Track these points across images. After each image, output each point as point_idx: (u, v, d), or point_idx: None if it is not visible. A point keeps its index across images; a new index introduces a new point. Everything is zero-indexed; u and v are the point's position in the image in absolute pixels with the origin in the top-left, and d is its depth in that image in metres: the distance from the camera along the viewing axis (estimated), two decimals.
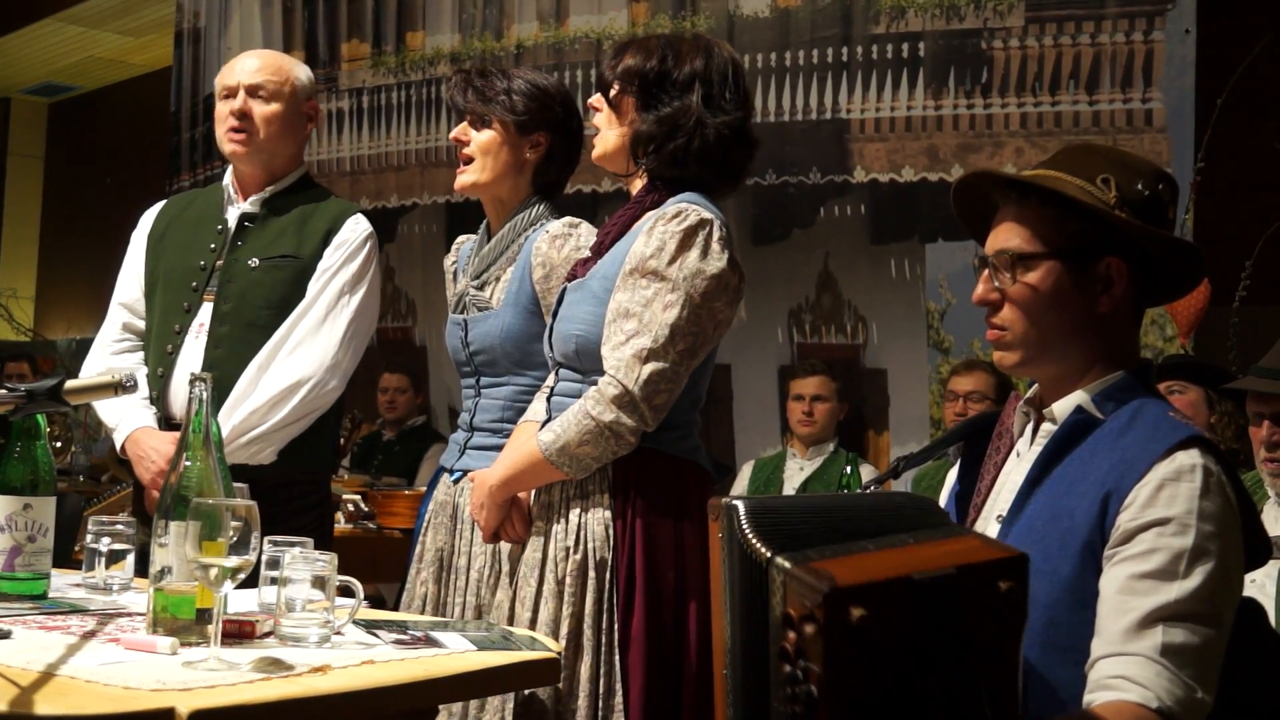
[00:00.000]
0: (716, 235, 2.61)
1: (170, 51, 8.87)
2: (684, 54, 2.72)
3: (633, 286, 2.60)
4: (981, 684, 1.68)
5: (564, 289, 2.80)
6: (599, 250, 2.76)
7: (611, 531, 2.62)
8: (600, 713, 2.57)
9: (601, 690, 2.57)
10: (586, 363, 2.67)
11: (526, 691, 2.60)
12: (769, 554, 1.68)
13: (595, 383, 2.61)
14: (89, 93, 11.33)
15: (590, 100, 2.82)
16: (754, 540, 1.72)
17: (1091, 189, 1.98)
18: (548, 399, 2.78)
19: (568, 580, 2.62)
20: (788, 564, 1.65)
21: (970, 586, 1.67)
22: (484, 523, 2.77)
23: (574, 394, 2.69)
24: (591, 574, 2.61)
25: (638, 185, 2.77)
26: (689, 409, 2.72)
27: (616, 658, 2.58)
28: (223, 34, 8.25)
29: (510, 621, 2.69)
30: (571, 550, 2.63)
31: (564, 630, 2.59)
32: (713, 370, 2.79)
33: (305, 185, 3.40)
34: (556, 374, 2.78)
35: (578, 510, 2.65)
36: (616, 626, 2.60)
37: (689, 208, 2.62)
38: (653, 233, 2.61)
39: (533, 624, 2.63)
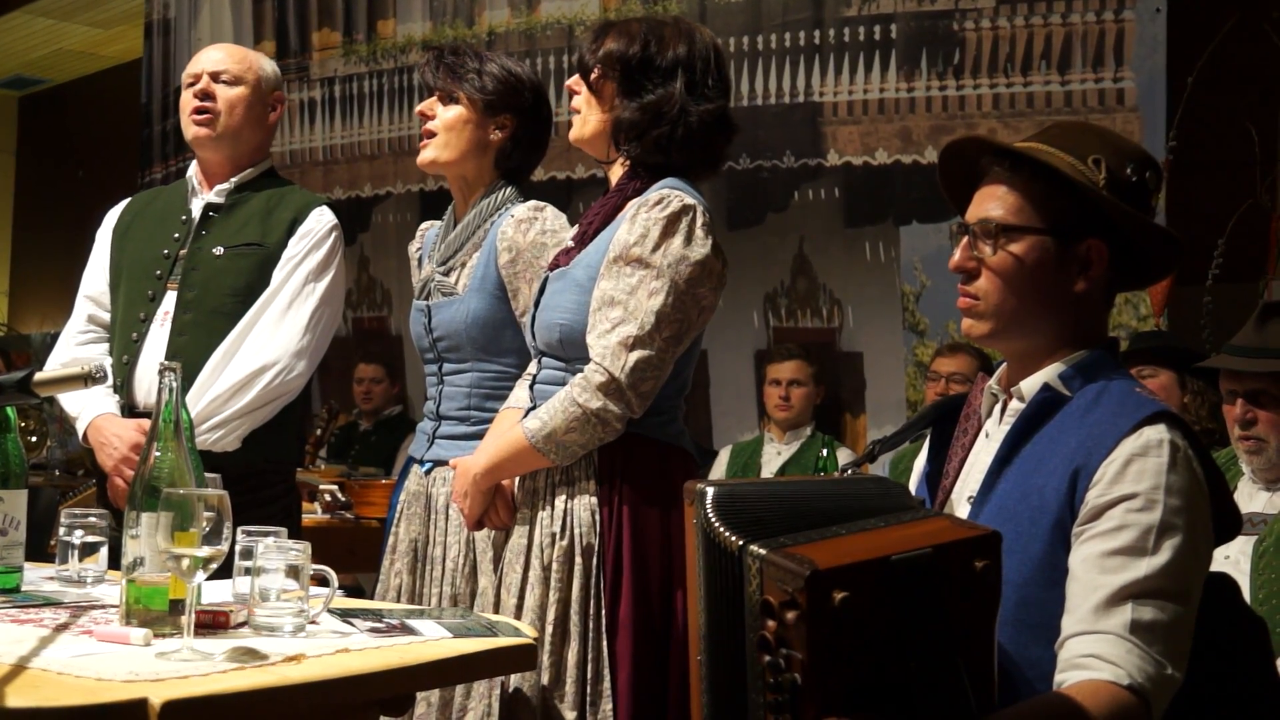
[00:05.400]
0: (700, 221, 2.61)
1: (140, 43, 8.81)
2: (667, 40, 2.71)
3: (617, 274, 2.60)
4: (961, 663, 1.68)
5: (546, 278, 2.79)
6: (582, 240, 2.76)
7: (598, 517, 2.62)
8: (588, 698, 2.57)
9: (589, 676, 2.58)
10: (570, 351, 2.67)
11: (513, 679, 2.60)
12: (740, 541, 1.67)
13: (580, 370, 2.61)
14: (59, 85, 11.25)
15: (568, 82, 2.81)
16: (721, 528, 1.71)
17: (1083, 168, 1.97)
18: (530, 387, 2.78)
19: (554, 567, 2.62)
20: (763, 550, 1.64)
21: (946, 566, 1.67)
22: (468, 511, 2.76)
23: (558, 382, 2.68)
24: (578, 560, 2.61)
25: (617, 171, 2.76)
26: (674, 395, 2.72)
27: (604, 644, 2.59)
28: (193, 25, 8.19)
29: (495, 608, 2.69)
30: (558, 536, 2.63)
31: (551, 616, 2.59)
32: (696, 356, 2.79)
33: (270, 177, 3.40)
34: (539, 362, 2.78)
35: (564, 496, 2.65)
36: (604, 612, 2.60)
37: (671, 194, 2.61)
38: (636, 220, 2.60)
39: (518, 610, 2.63)
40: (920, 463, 2.23)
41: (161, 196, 3.49)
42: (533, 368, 2.82)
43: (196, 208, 3.32)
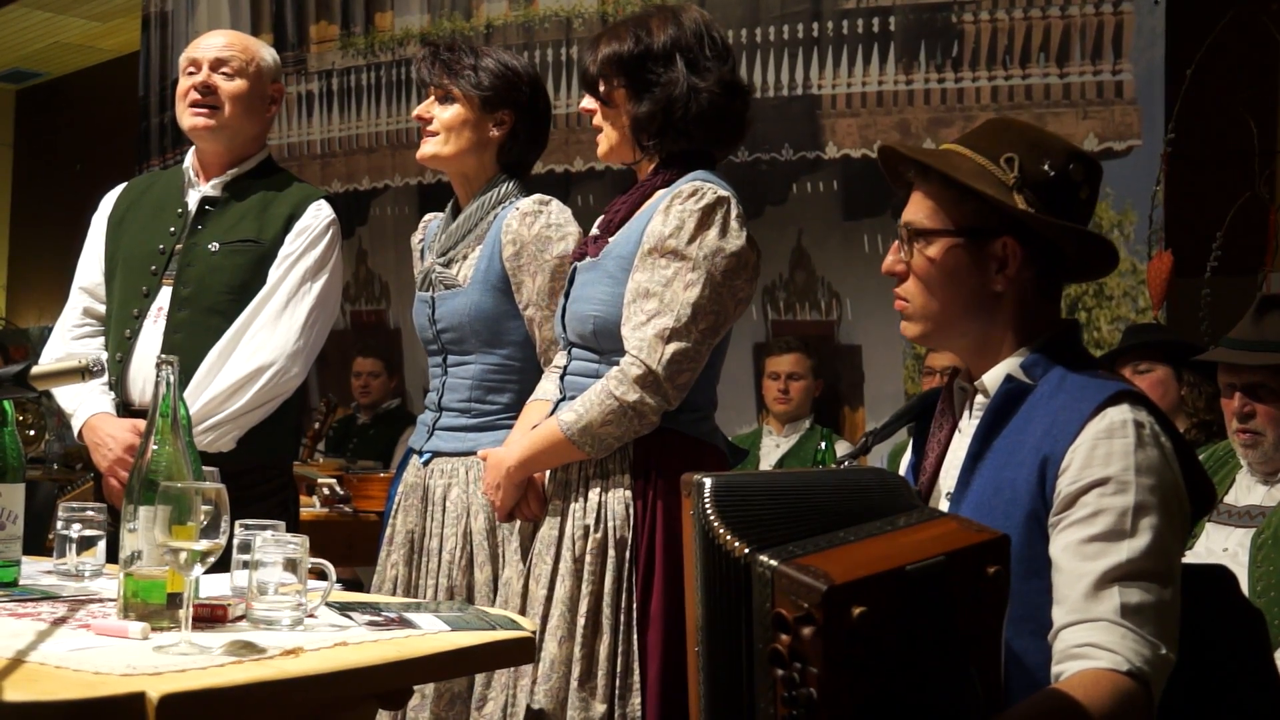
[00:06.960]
0: (734, 213, 2.63)
1: (138, 36, 8.81)
2: (654, 28, 2.72)
3: (652, 266, 2.61)
4: (973, 667, 1.67)
5: (574, 269, 2.80)
6: (608, 229, 2.76)
7: (632, 511, 2.63)
8: (618, 691, 2.58)
9: (619, 669, 2.59)
10: (604, 343, 2.68)
11: (541, 671, 2.60)
12: (746, 548, 1.66)
13: (614, 363, 2.62)
14: (56, 79, 11.23)
15: (582, 105, 2.82)
16: (721, 528, 1.70)
17: (992, 168, 1.98)
18: (561, 379, 2.78)
19: (587, 559, 2.63)
20: (774, 561, 1.62)
21: (959, 573, 1.66)
22: (500, 503, 2.77)
23: (590, 374, 2.69)
24: (611, 553, 2.62)
25: (647, 169, 2.77)
26: (708, 388, 2.73)
27: (635, 637, 2.60)
28: (190, 17, 8.19)
29: (523, 599, 2.70)
30: (591, 529, 2.64)
31: (583, 608, 2.61)
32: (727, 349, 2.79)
33: (268, 169, 3.36)
34: (569, 353, 2.78)
35: (597, 489, 2.66)
36: (635, 606, 2.61)
37: (705, 186, 2.62)
38: (670, 211, 2.61)
39: (548, 601, 2.64)
40: (908, 456, 2.24)
41: (158, 184, 3.41)
42: (561, 359, 2.82)
43: (193, 200, 3.28)
